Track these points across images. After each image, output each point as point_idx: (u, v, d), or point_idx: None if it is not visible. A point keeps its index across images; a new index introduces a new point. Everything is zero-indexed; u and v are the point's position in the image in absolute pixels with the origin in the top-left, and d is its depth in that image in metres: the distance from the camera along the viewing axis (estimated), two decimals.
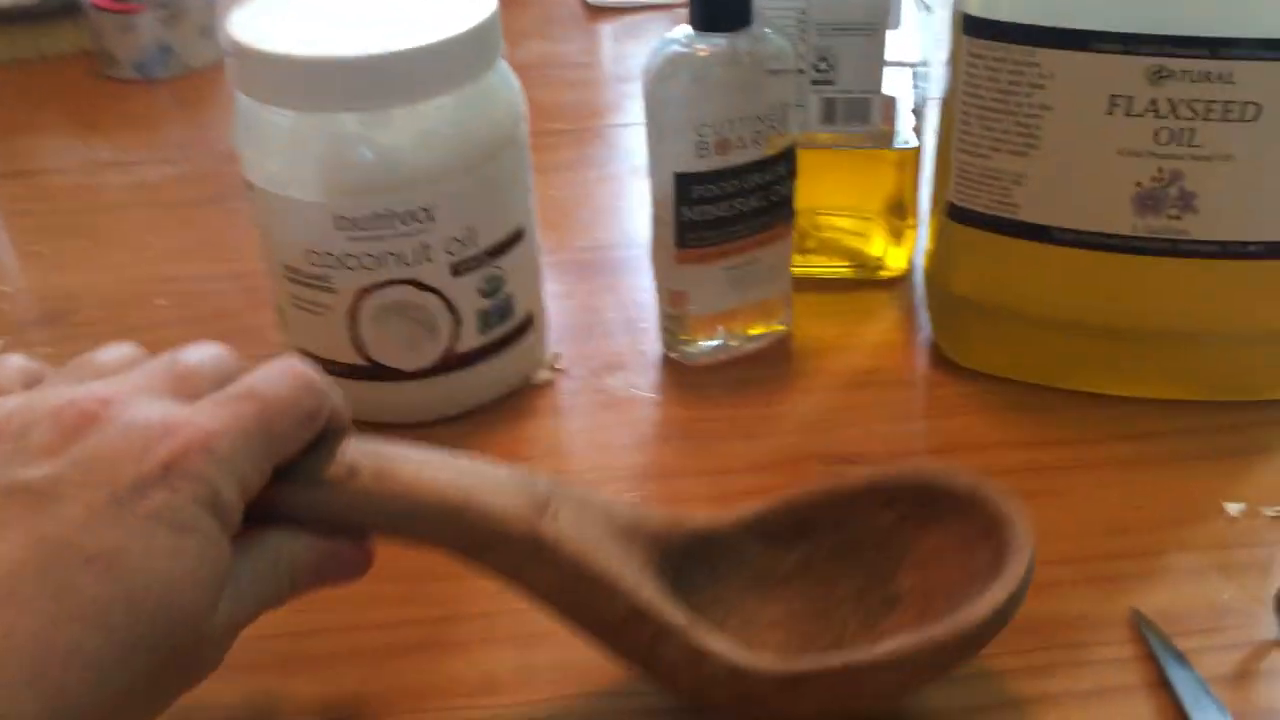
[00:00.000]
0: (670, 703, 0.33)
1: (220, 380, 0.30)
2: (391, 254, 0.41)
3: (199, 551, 0.27)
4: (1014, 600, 0.31)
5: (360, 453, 0.32)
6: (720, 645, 0.31)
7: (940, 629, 0.30)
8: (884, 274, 0.52)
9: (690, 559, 0.34)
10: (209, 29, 0.78)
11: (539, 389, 0.47)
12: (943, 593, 0.32)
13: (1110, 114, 0.38)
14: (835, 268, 0.52)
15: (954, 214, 0.43)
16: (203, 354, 0.31)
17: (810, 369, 0.47)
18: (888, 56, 0.47)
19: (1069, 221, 0.40)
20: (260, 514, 0.30)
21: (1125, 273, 0.40)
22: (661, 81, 0.42)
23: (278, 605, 0.31)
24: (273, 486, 0.30)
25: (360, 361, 0.43)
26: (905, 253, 0.52)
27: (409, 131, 0.40)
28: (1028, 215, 0.41)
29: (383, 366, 0.43)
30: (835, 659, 0.31)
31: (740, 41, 0.42)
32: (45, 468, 0.26)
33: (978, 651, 0.31)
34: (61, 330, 0.53)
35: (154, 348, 0.50)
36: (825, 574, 0.35)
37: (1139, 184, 0.39)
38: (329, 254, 0.41)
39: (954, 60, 0.41)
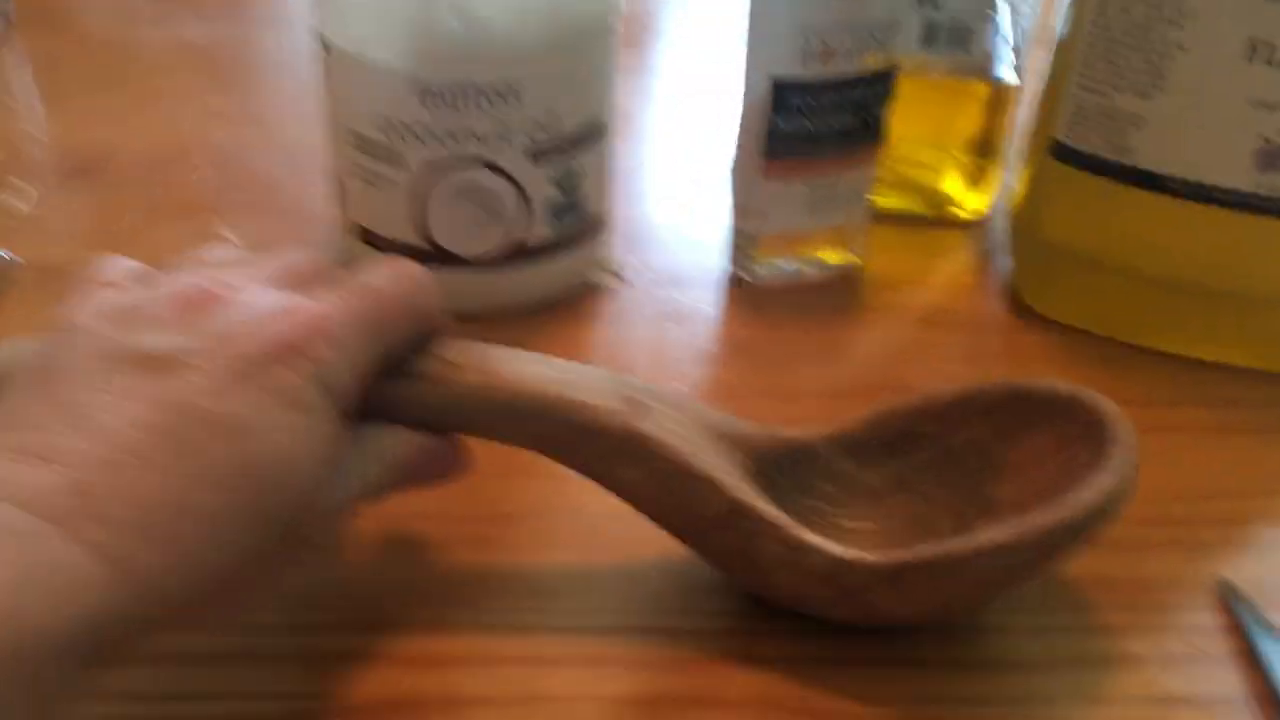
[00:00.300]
0: (730, 614, 0.32)
1: (327, 279, 0.30)
2: (470, 131, 0.39)
3: (315, 430, 0.27)
4: (1120, 490, 0.30)
5: (459, 350, 0.31)
6: (821, 540, 0.30)
7: (1044, 516, 0.29)
8: (957, 214, 0.50)
9: (781, 470, 0.33)
10: None
11: (600, 294, 0.45)
12: (1043, 495, 0.31)
13: (1248, 60, 0.36)
14: (906, 204, 0.50)
15: (1060, 154, 0.41)
16: (308, 255, 0.31)
17: (880, 302, 0.46)
18: None
19: (1185, 172, 0.38)
20: (366, 409, 0.30)
21: (1237, 231, 0.39)
22: None
23: (377, 499, 0.31)
24: (379, 383, 0.30)
25: (421, 243, 0.41)
26: (986, 195, 0.50)
27: (505, 2, 0.37)
28: (1142, 161, 0.39)
29: (444, 251, 0.41)
30: (939, 547, 0.29)
31: None
32: (171, 339, 0.26)
33: (1081, 543, 0.30)
34: (94, 183, 0.50)
35: (194, 211, 0.48)
36: (919, 487, 0.34)
37: (1266, 139, 0.37)
38: (404, 124, 0.39)
39: None
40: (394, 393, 0.30)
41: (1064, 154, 0.41)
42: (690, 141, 0.56)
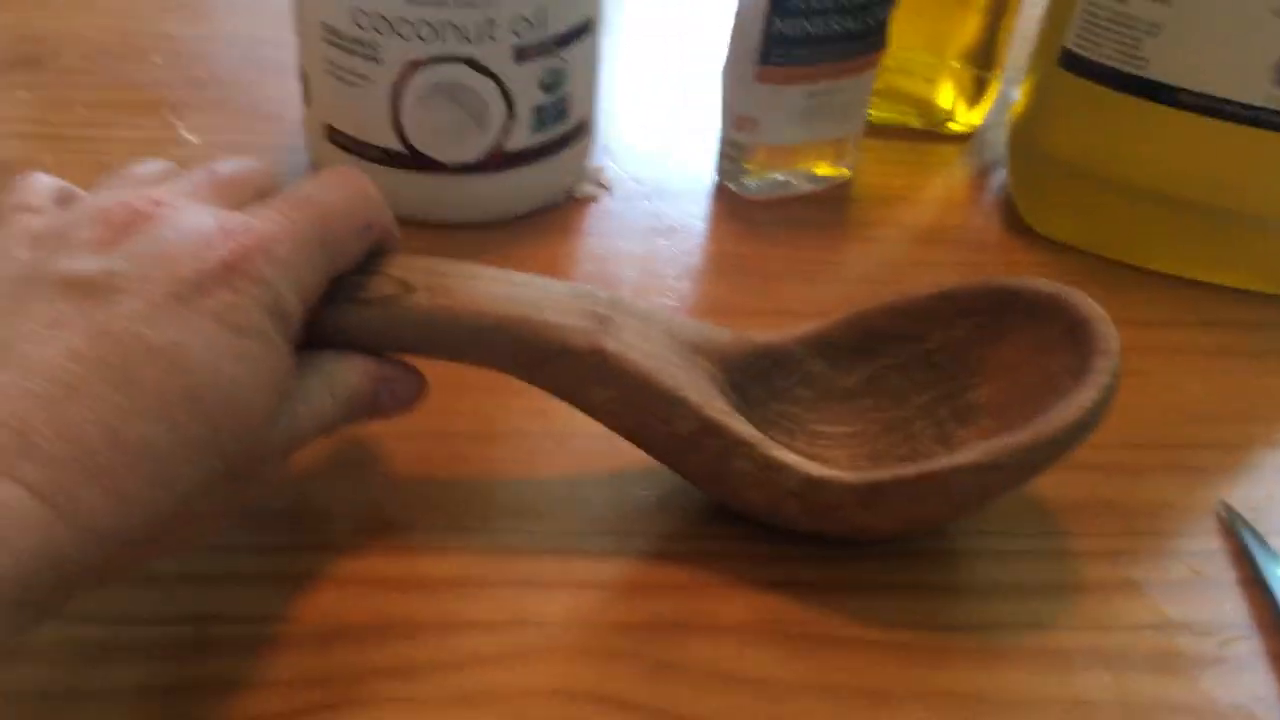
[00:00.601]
0: (720, 537, 0.31)
1: (264, 192, 0.29)
2: (452, 25, 0.36)
3: (261, 355, 0.25)
4: (1101, 402, 0.29)
5: (413, 269, 0.30)
6: (793, 458, 0.30)
7: (1024, 434, 0.28)
8: (952, 127, 0.49)
9: (754, 376, 0.32)
10: None
11: (583, 204, 0.43)
12: (1022, 400, 0.30)
13: None
14: (898, 115, 0.49)
15: (1068, 63, 0.39)
16: (244, 165, 0.29)
17: (873, 218, 0.44)
18: None
19: (1199, 84, 0.37)
20: (313, 336, 0.28)
21: (1249, 148, 0.37)
22: None
23: (330, 431, 0.28)
24: (325, 307, 0.28)
25: (398, 147, 0.39)
26: (982, 107, 0.48)
27: None
28: (1155, 72, 0.37)
29: (422, 155, 0.39)
30: (913, 468, 0.29)
31: None
32: (99, 261, 0.24)
33: (1062, 457, 0.29)
34: (41, 76, 0.47)
35: (147, 107, 0.45)
36: (895, 388, 0.33)
37: None
38: (381, 16, 0.36)
39: None
40: (346, 317, 0.29)
41: (1073, 63, 0.39)
42: (676, 44, 0.54)
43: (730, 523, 0.31)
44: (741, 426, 0.30)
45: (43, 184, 0.28)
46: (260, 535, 0.30)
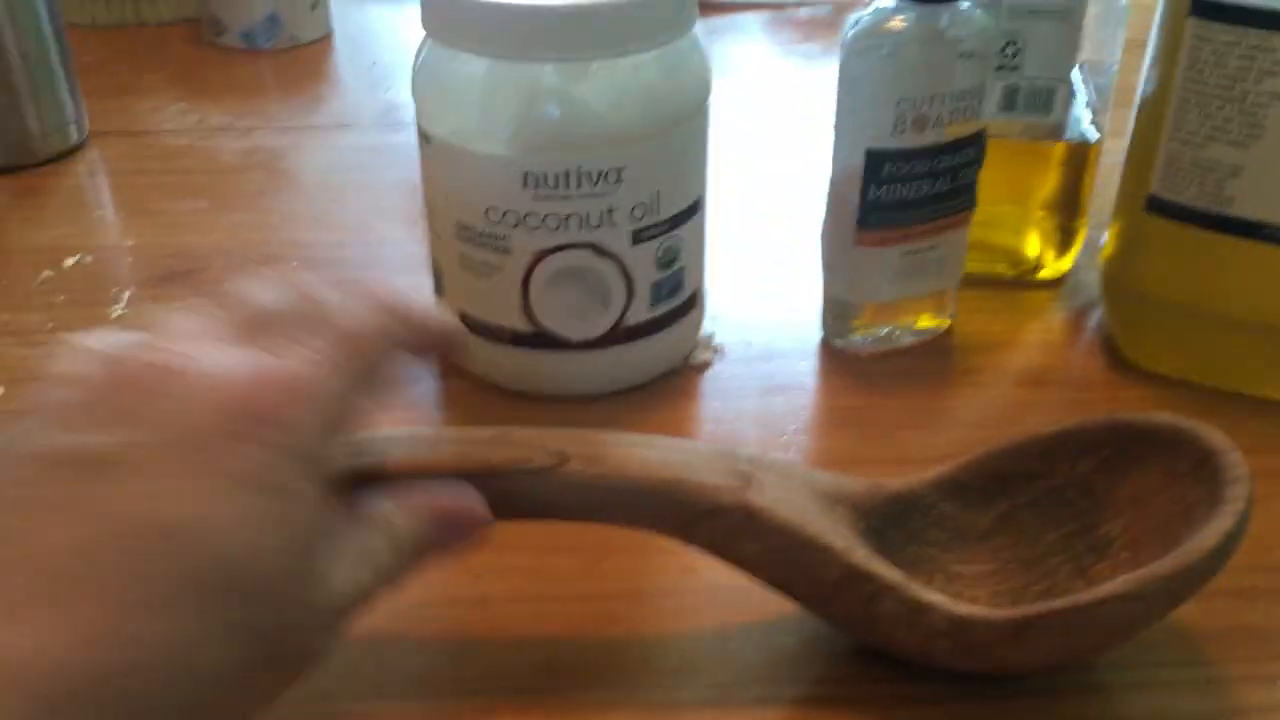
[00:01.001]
0: (872, 680, 0.32)
1: (295, 317, 0.26)
2: (575, 215, 0.39)
3: (291, 513, 0.24)
4: (1239, 528, 0.30)
5: (567, 440, 0.32)
6: (940, 598, 0.31)
7: (1168, 563, 0.29)
8: (1040, 274, 0.51)
9: (889, 521, 0.34)
10: (319, 2, 0.77)
11: (698, 369, 0.46)
12: (1155, 532, 0.31)
13: None
14: (988, 266, 0.51)
15: (1154, 207, 0.41)
16: (271, 291, 0.27)
17: (978, 365, 0.46)
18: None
19: None
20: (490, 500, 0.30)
21: None
22: (859, 55, 0.41)
23: (394, 582, 0.27)
24: (485, 481, 0.30)
25: (527, 328, 0.42)
26: (1070, 254, 0.50)
27: (605, 88, 0.38)
28: (1240, 210, 0.39)
29: (549, 335, 0.42)
30: (1062, 601, 0.29)
31: (943, 16, 0.40)
32: (112, 433, 0.23)
33: (1203, 585, 0.29)
34: (191, 288, 0.51)
35: None
36: (1028, 526, 0.34)
37: None
38: (511, 212, 0.39)
39: (1168, 47, 0.39)
40: (504, 488, 0.31)
41: (1159, 207, 0.41)
42: (771, 215, 0.57)
43: (876, 665, 0.32)
44: (886, 570, 0.31)
45: (83, 351, 0.26)
46: (435, 700, 0.32)
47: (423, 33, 0.41)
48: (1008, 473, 0.34)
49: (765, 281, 0.52)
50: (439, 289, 0.44)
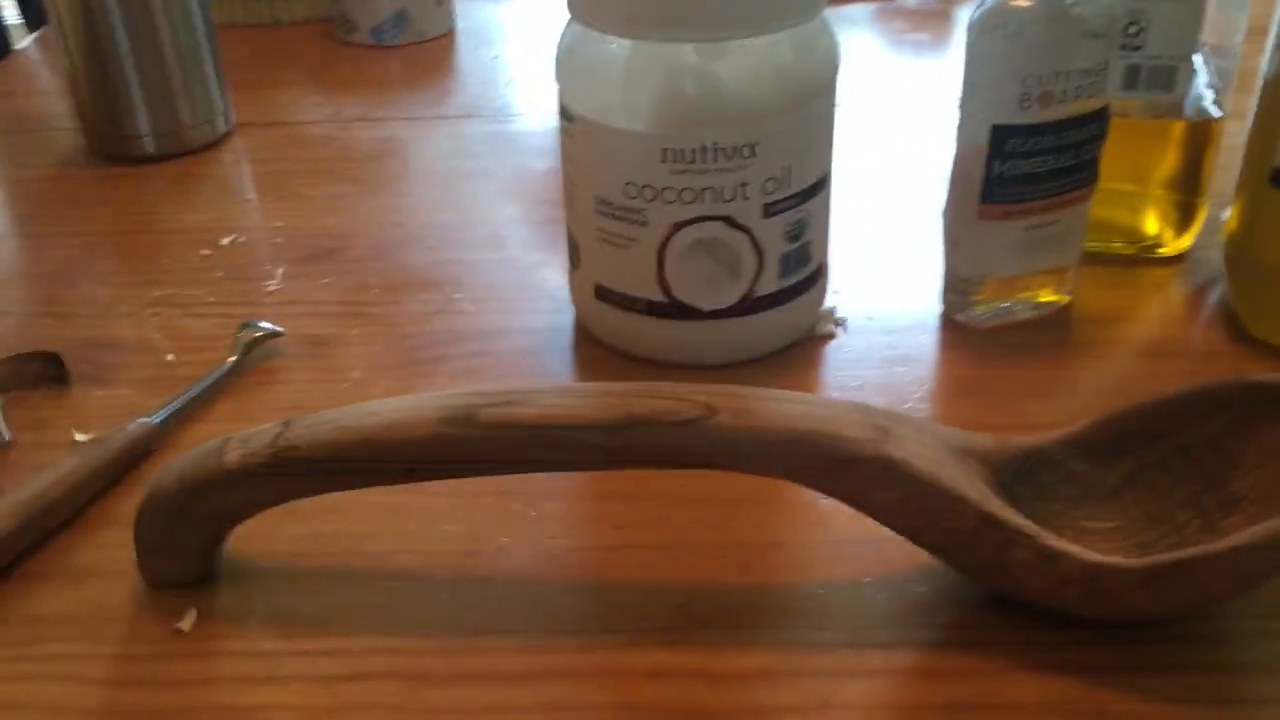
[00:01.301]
0: (1000, 626, 0.33)
1: None
2: (710, 188, 0.41)
3: None
4: None
5: (714, 392, 0.34)
6: (1073, 546, 0.32)
7: None
8: (1160, 252, 0.51)
9: (1019, 476, 0.35)
10: None
11: (822, 341, 0.47)
12: None
13: None
14: (1107, 243, 0.51)
15: (1278, 181, 0.42)
16: None
17: (1098, 338, 0.47)
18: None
19: None
20: (627, 454, 0.32)
21: None
22: (986, 33, 0.42)
23: None
24: (636, 430, 0.32)
25: (661, 298, 0.44)
26: (1190, 231, 0.51)
27: (742, 66, 0.40)
28: None
29: (682, 304, 0.44)
30: (1194, 550, 0.30)
31: None
32: None
33: None
34: (338, 265, 0.54)
35: (433, 285, 0.52)
36: (1155, 484, 0.35)
37: None
38: (649, 186, 0.42)
39: None
40: (662, 436, 0.32)
41: None
42: (889, 193, 0.59)
43: (1006, 612, 0.34)
44: (1019, 520, 0.32)
45: None
46: (583, 638, 0.34)
47: (566, 16, 0.43)
48: (1136, 432, 0.35)
49: (886, 258, 0.53)
50: (575, 262, 0.47)
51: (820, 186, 0.44)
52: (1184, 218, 0.50)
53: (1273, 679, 0.32)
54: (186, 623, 0.35)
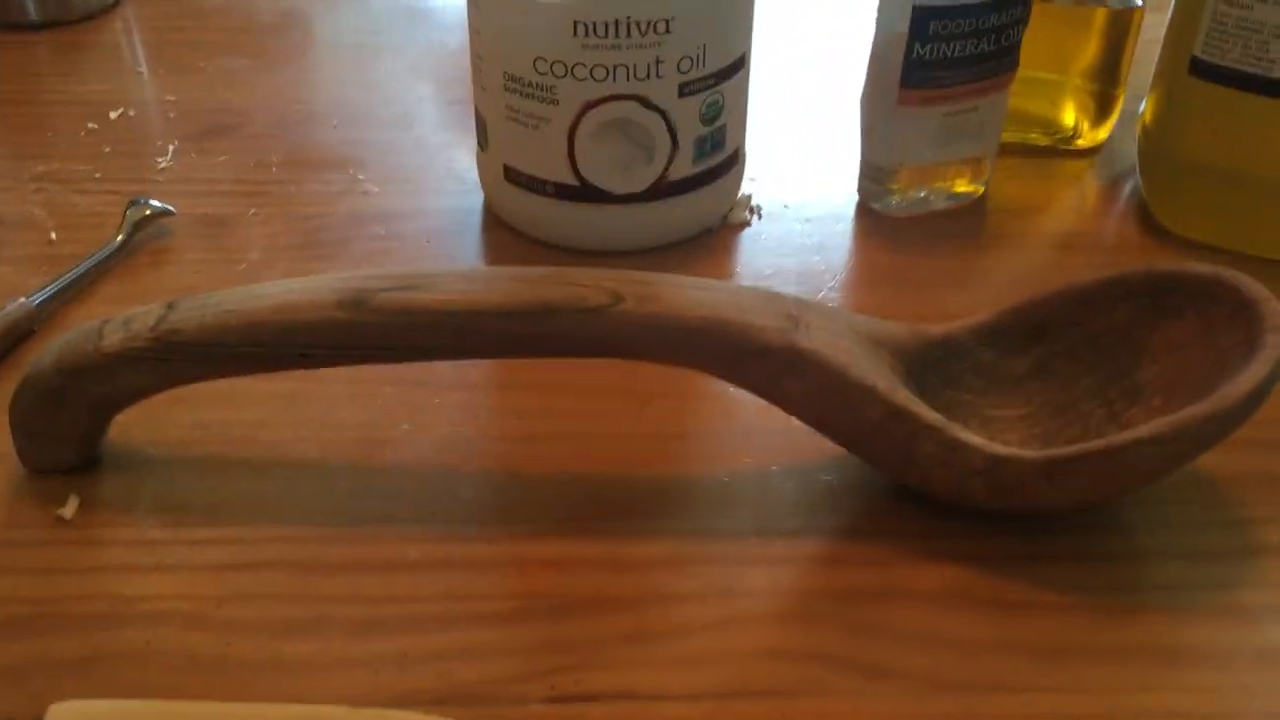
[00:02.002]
0: (905, 516, 0.33)
1: None
2: (623, 66, 0.40)
3: None
4: (1275, 374, 0.30)
5: (622, 280, 0.33)
6: (977, 439, 0.32)
7: (1203, 406, 0.30)
8: (1079, 144, 0.51)
9: (929, 365, 0.35)
10: None
11: (736, 228, 0.46)
12: (1189, 379, 0.33)
13: None
14: (1024, 134, 0.51)
15: (1198, 69, 0.41)
16: None
17: (1012, 229, 0.46)
18: None
19: None
20: (523, 344, 0.31)
21: None
22: None
23: None
24: (539, 318, 0.31)
25: (572, 180, 0.42)
26: (1107, 123, 0.50)
27: None
28: None
29: (594, 188, 0.42)
30: (1097, 443, 0.30)
31: None
32: None
33: (1235, 429, 0.31)
34: (236, 141, 0.52)
35: (337, 165, 0.50)
36: (1063, 372, 0.35)
37: None
38: (560, 62, 0.40)
39: None
40: (558, 326, 0.32)
41: (1202, 70, 0.41)
42: (808, 75, 0.57)
43: (912, 502, 0.34)
44: (926, 411, 0.32)
45: None
46: (486, 527, 0.33)
47: None
48: (1045, 320, 0.35)
49: (805, 145, 0.52)
50: (483, 143, 0.45)
51: (738, 67, 0.42)
52: (1101, 109, 0.50)
53: (1167, 565, 0.32)
54: (69, 509, 0.33)
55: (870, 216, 0.47)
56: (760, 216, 0.47)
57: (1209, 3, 0.40)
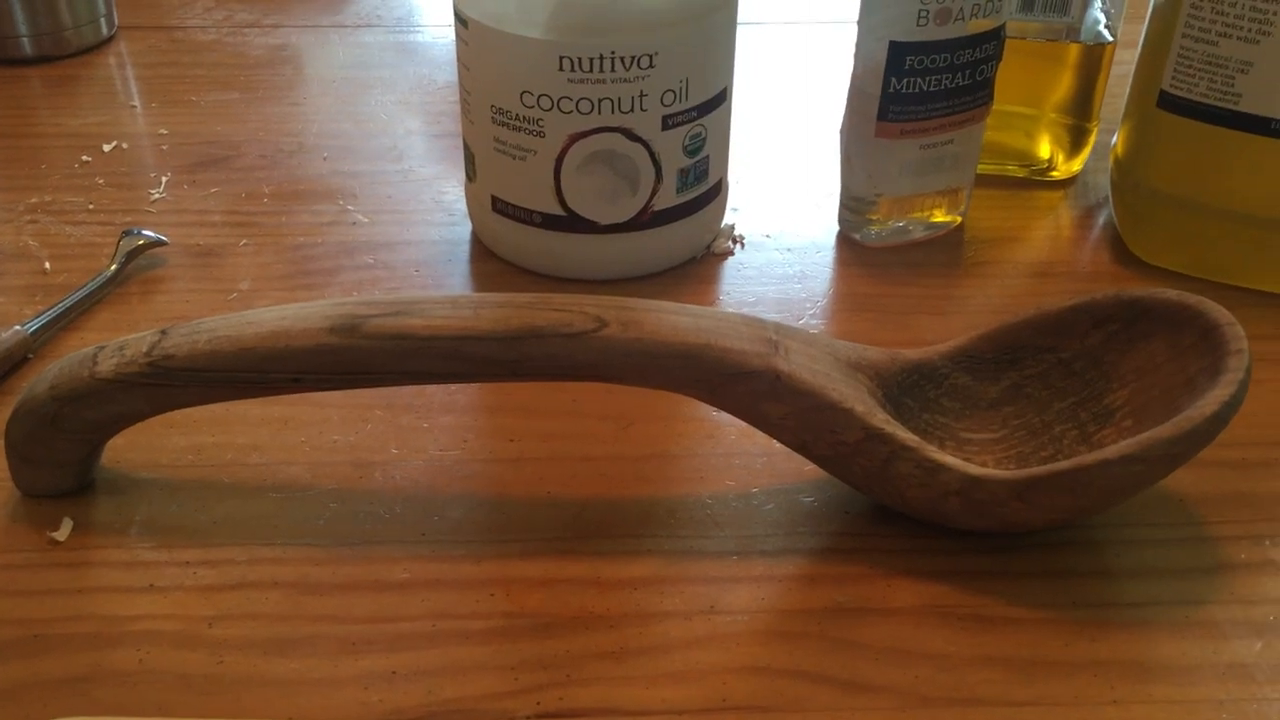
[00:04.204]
0: (886, 535, 0.34)
1: None
2: (608, 99, 0.41)
3: None
4: (1239, 395, 0.31)
5: (605, 305, 0.33)
6: (953, 459, 0.33)
7: (1168, 427, 0.31)
8: (1054, 176, 0.52)
9: (906, 389, 0.36)
10: None
11: (719, 257, 0.47)
12: (1158, 401, 0.34)
13: None
14: (999, 166, 0.52)
15: (1166, 103, 0.43)
16: None
17: (988, 257, 0.47)
18: None
19: None
20: (516, 367, 0.32)
21: None
22: None
23: None
24: (526, 342, 0.32)
25: (558, 211, 0.43)
26: (1082, 156, 0.51)
27: None
28: (1249, 105, 0.41)
29: (578, 218, 0.43)
30: (1067, 463, 0.31)
31: None
32: None
33: (1201, 449, 0.31)
34: (228, 174, 0.52)
35: (327, 196, 0.51)
36: (1035, 396, 0.36)
37: None
38: (545, 95, 0.41)
39: None
40: (544, 350, 0.32)
41: (1170, 103, 0.43)
42: (789, 112, 0.59)
43: (890, 522, 0.35)
44: (903, 433, 0.33)
45: None
46: (473, 548, 0.34)
47: None
48: (1019, 345, 0.36)
49: (786, 176, 0.53)
50: (471, 174, 0.46)
51: (720, 100, 0.44)
52: (1075, 142, 0.51)
53: (1139, 584, 0.33)
54: (62, 532, 0.34)
55: (850, 246, 0.48)
56: (743, 246, 0.48)
57: (1176, 38, 0.42)
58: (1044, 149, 0.52)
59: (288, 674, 0.30)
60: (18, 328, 0.40)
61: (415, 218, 0.50)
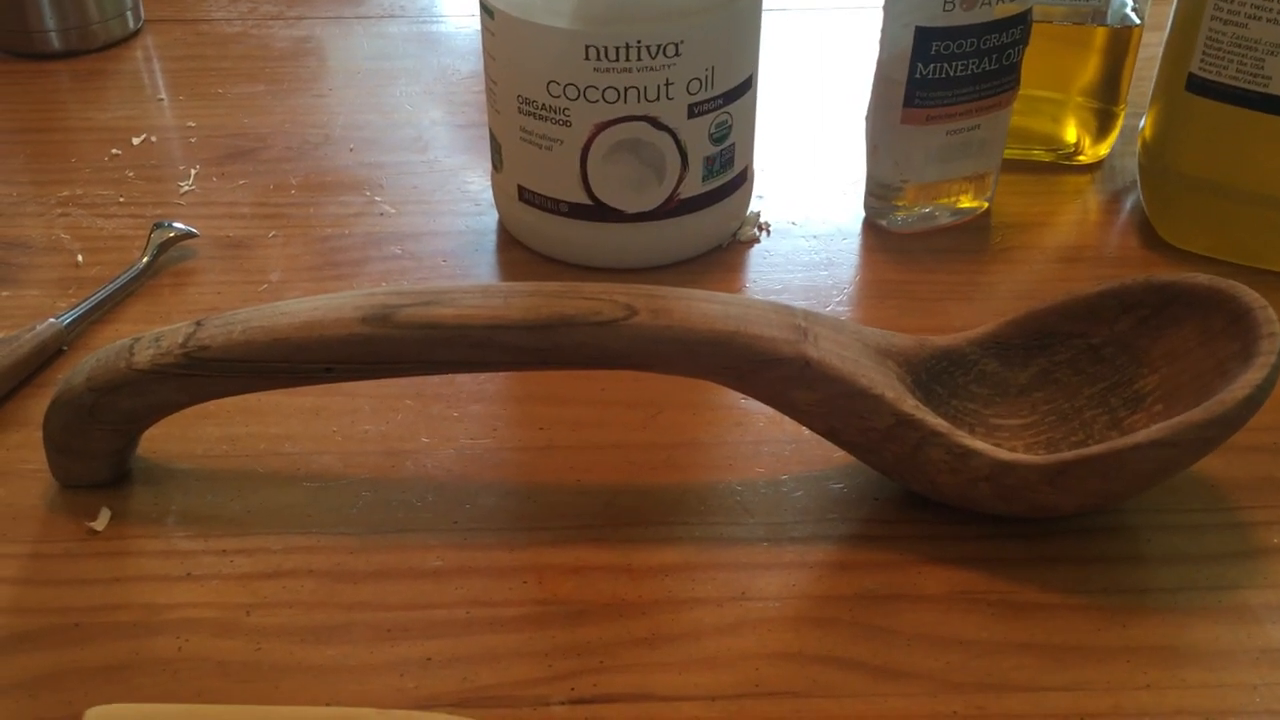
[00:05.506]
0: (914, 521, 0.34)
1: None
2: (634, 88, 0.41)
3: None
4: (1271, 380, 0.31)
5: (635, 294, 0.34)
6: (983, 445, 0.33)
7: (1200, 411, 0.31)
8: (1081, 160, 0.52)
9: (935, 375, 0.36)
10: None
11: (745, 245, 0.47)
12: (1188, 386, 0.34)
13: None
14: (1026, 151, 0.52)
15: (1195, 86, 0.42)
16: None
17: (1016, 243, 0.47)
18: None
19: None
20: (547, 356, 0.32)
21: None
22: None
23: None
24: (557, 330, 0.32)
25: (584, 200, 0.43)
26: (1109, 140, 0.51)
27: None
28: (1277, 88, 0.40)
29: (605, 206, 0.43)
30: (1099, 447, 0.31)
31: None
32: None
33: (1233, 433, 0.31)
34: (255, 165, 0.53)
35: (354, 187, 0.51)
36: (1065, 382, 0.36)
37: None
38: (571, 85, 0.41)
39: None
40: (574, 338, 0.32)
41: (1199, 86, 0.42)
42: (815, 98, 0.58)
43: (920, 508, 0.35)
44: (933, 419, 0.33)
45: None
46: (505, 535, 0.34)
47: None
48: (1048, 331, 0.36)
49: (812, 163, 0.53)
50: (498, 164, 0.46)
51: (745, 88, 0.44)
52: (1102, 126, 0.51)
53: (1168, 569, 0.33)
54: (100, 522, 0.34)
55: (876, 232, 0.48)
56: (769, 233, 0.48)
57: (1204, 20, 0.41)
58: (1071, 133, 0.52)
59: (325, 661, 0.31)
60: (52, 320, 0.41)
61: (442, 208, 0.50)
